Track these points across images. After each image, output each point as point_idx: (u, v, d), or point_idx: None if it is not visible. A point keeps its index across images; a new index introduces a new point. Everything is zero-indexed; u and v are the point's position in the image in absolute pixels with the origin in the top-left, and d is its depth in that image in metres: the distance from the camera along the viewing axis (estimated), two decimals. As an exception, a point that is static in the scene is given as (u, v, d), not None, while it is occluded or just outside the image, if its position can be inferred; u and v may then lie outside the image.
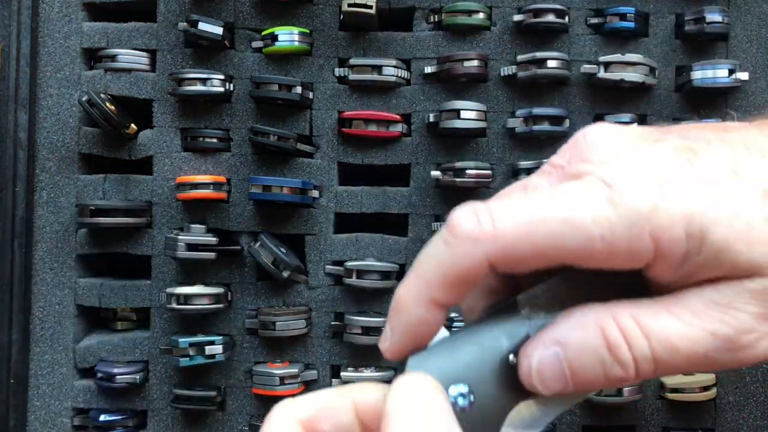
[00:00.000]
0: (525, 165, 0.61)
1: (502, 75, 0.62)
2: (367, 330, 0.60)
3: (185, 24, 0.61)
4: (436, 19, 0.63)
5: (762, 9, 0.63)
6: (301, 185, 0.60)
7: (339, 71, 0.62)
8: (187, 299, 0.59)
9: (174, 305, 0.59)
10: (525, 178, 0.35)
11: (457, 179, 0.60)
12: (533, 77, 0.60)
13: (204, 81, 0.61)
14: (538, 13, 0.61)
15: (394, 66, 0.61)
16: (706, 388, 0.60)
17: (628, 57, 0.60)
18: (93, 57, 0.64)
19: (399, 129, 0.62)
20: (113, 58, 0.63)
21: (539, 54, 0.60)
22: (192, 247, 0.59)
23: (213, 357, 0.59)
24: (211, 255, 0.60)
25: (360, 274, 0.60)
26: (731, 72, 0.60)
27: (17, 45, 0.62)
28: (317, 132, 0.63)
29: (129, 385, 0.61)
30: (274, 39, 0.61)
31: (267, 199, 0.60)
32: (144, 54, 0.63)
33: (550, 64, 0.60)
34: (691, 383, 0.60)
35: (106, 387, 0.61)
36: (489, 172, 0.61)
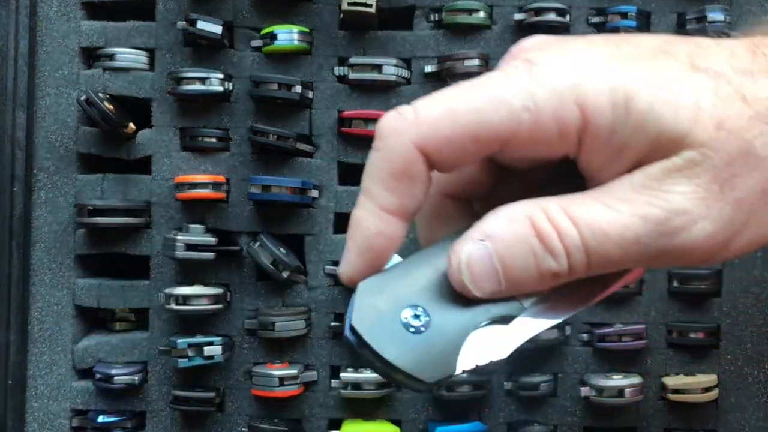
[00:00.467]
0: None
1: (502, 74, 0.62)
2: (367, 330, 0.60)
3: (184, 23, 0.61)
4: (436, 18, 0.62)
5: (764, 8, 0.62)
6: (301, 185, 0.59)
7: (339, 70, 0.62)
8: (186, 300, 0.59)
9: (173, 306, 0.59)
10: None
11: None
12: (534, 76, 0.60)
13: (203, 80, 0.60)
14: (539, 12, 0.61)
15: (394, 65, 0.61)
16: (708, 389, 0.60)
17: (629, 56, 0.60)
18: (91, 56, 0.64)
19: (399, 128, 0.62)
20: (112, 57, 0.62)
21: (540, 53, 0.60)
22: (191, 248, 0.59)
23: (212, 358, 0.59)
24: (210, 255, 0.60)
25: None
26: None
27: (15, 44, 0.62)
28: (317, 131, 0.63)
29: (127, 386, 0.60)
30: (273, 38, 0.61)
31: (266, 199, 0.60)
32: (143, 53, 0.63)
33: (551, 63, 0.60)
34: (693, 384, 0.59)
35: (104, 388, 0.60)
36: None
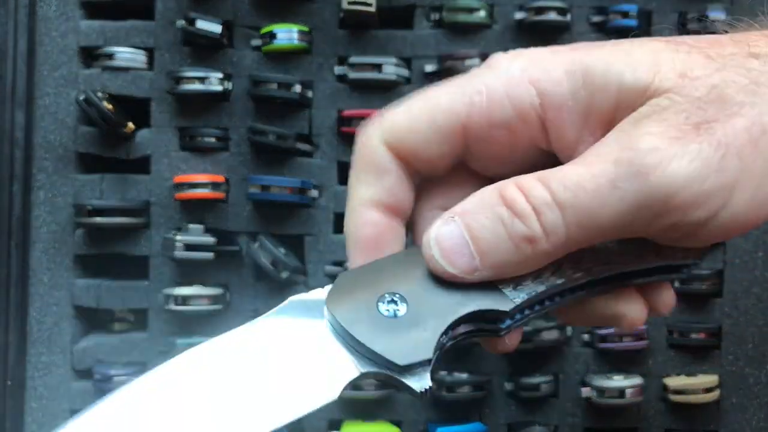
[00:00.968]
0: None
1: (503, 73, 0.61)
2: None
3: (183, 22, 0.60)
4: (436, 17, 0.62)
5: (765, 7, 0.62)
6: (301, 185, 0.59)
7: (339, 70, 0.62)
8: (186, 300, 0.59)
9: (172, 306, 0.59)
10: None
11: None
12: (535, 76, 0.60)
13: (202, 80, 0.60)
14: (539, 11, 0.60)
15: (394, 64, 0.61)
16: (709, 389, 0.59)
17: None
18: (90, 56, 0.63)
19: (399, 128, 0.61)
20: (111, 56, 0.62)
21: (541, 52, 0.60)
22: (190, 248, 0.59)
23: (211, 358, 0.59)
24: (210, 255, 0.59)
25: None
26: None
27: (14, 44, 0.61)
28: (317, 131, 0.62)
29: (127, 387, 0.60)
30: (272, 37, 0.61)
31: (266, 199, 0.60)
32: (141, 52, 0.62)
33: (551, 62, 0.60)
34: (695, 385, 0.59)
35: (103, 388, 0.60)
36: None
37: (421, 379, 0.29)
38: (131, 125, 0.62)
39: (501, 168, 0.34)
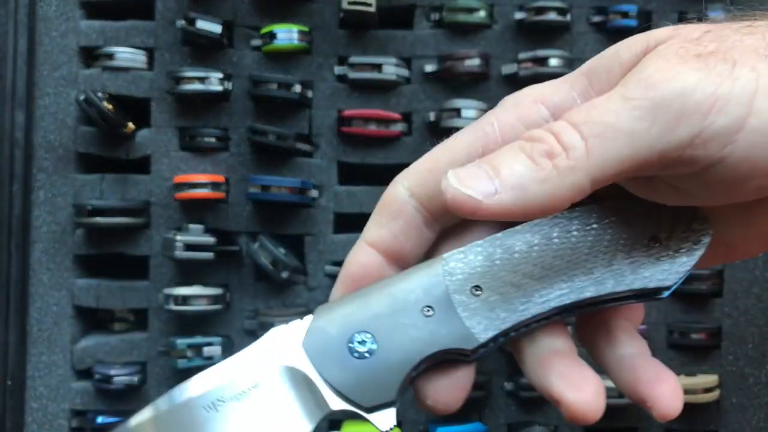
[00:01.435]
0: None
1: (503, 73, 0.61)
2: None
3: (183, 22, 0.60)
4: (436, 17, 0.62)
5: (766, 7, 0.62)
6: (301, 185, 0.59)
7: (338, 70, 0.62)
8: (185, 300, 0.59)
9: (172, 306, 0.59)
10: None
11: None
12: (534, 76, 0.60)
13: (202, 80, 0.60)
14: (539, 11, 0.60)
15: (394, 64, 0.61)
16: (709, 389, 0.59)
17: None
18: (90, 56, 0.63)
19: (399, 128, 0.62)
20: (111, 56, 0.62)
21: (541, 52, 0.60)
22: (190, 248, 0.59)
23: (211, 358, 0.59)
24: (210, 255, 0.59)
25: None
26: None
27: (14, 44, 0.61)
28: (316, 131, 0.62)
29: (127, 387, 0.60)
30: (272, 37, 0.61)
31: (266, 199, 0.60)
32: (141, 52, 0.63)
33: (551, 62, 0.60)
34: (695, 385, 0.59)
35: (103, 389, 0.60)
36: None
37: (387, 418, 0.32)
38: (131, 125, 0.62)
39: None
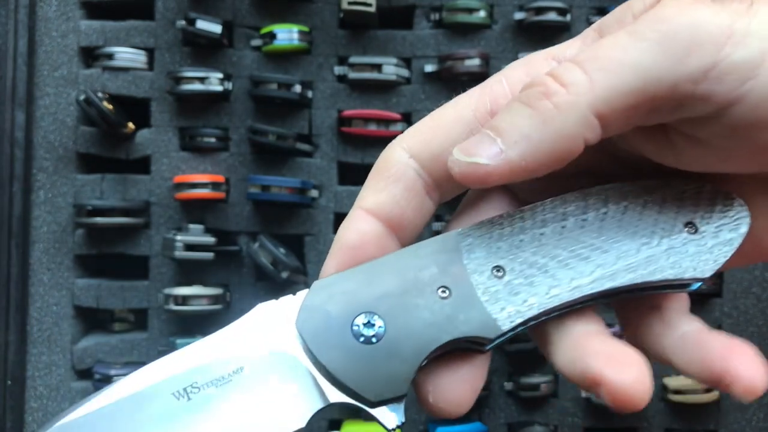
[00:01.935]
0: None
1: (503, 73, 0.61)
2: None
3: (183, 22, 0.60)
4: (436, 17, 0.62)
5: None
6: (300, 185, 0.59)
7: (338, 70, 0.62)
8: (186, 300, 0.59)
9: (172, 306, 0.59)
10: None
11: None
12: (535, 76, 0.60)
13: (202, 80, 0.60)
14: (539, 11, 0.60)
15: (394, 64, 0.61)
16: (709, 389, 0.59)
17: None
18: (90, 55, 0.63)
19: (399, 128, 0.62)
20: (111, 56, 0.62)
21: (541, 52, 0.60)
22: (190, 248, 0.59)
23: (211, 358, 0.59)
24: (210, 255, 0.59)
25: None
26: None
27: (14, 43, 0.61)
28: (316, 131, 0.62)
29: (127, 387, 0.60)
30: (272, 37, 0.61)
31: (266, 199, 0.60)
32: (142, 52, 0.63)
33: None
34: (694, 385, 0.59)
35: (103, 389, 0.60)
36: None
37: (394, 414, 0.27)
38: (131, 125, 0.62)
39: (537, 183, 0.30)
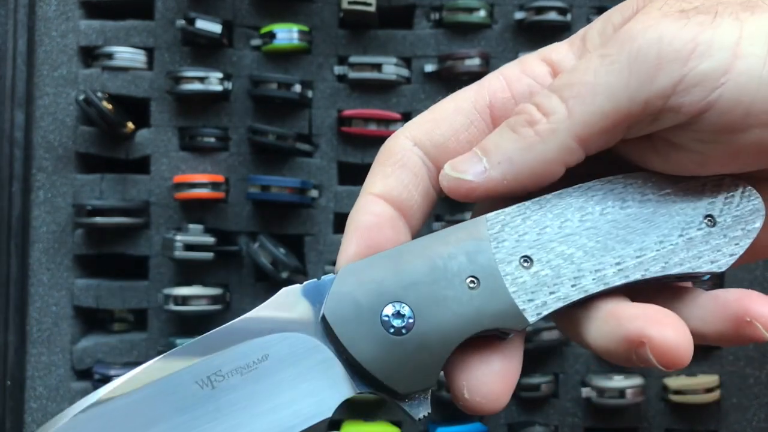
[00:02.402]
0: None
1: (503, 73, 0.61)
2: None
3: (183, 22, 0.60)
4: (436, 17, 0.62)
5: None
6: (300, 185, 0.59)
7: (338, 69, 0.62)
8: (185, 300, 0.59)
9: (172, 306, 0.59)
10: None
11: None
12: (535, 75, 0.60)
13: (202, 79, 0.60)
14: (539, 11, 0.60)
15: (394, 64, 0.61)
16: (709, 389, 0.59)
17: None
18: (90, 55, 0.63)
19: (399, 128, 0.61)
20: (110, 56, 0.62)
21: (541, 52, 0.60)
22: (190, 248, 0.59)
23: (211, 358, 0.59)
24: (209, 255, 0.59)
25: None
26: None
27: (14, 43, 0.61)
28: (316, 131, 0.62)
29: (126, 387, 0.60)
30: (272, 37, 0.61)
31: (266, 199, 0.60)
32: (141, 52, 0.63)
33: (551, 62, 0.60)
34: (695, 385, 0.59)
35: (103, 389, 0.60)
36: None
37: (421, 406, 0.27)
38: (131, 125, 0.62)
39: None
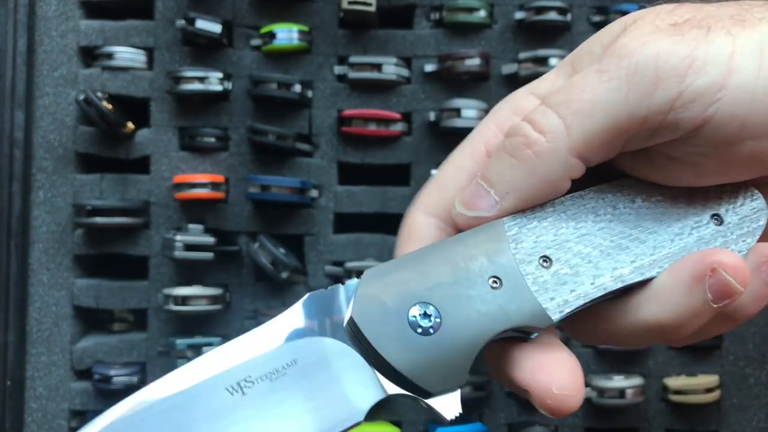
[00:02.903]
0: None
1: (503, 73, 0.61)
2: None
3: (183, 22, 0.60)
4: (437, 17, 0.62)
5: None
6: (300, 185, 0.59)
7: (338, 69, 0.62)
8: (185, 300, 0.59)
9: (172, 306, 0.59)
10: None
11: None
12: (535, 76, 0.59)
13: (202, 79, 0.60)
14: (539, 11, 0.60)
15: (394, 64, 0.61)
16: (709, 390, 0.59)
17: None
18: (90, 55, 0.63)
19: (399, 128, 0.61)
20: (110, 56, 0.62)
21: (541, 52, 0.60)
22: (190, 248, 0.59)
23: (211, 359, 0.59)
24: (209, 255, 0.59)
25: (360, 274, 0.59)
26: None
27: (14, 43, 0.61)
28: (316, 131, 0.62)
29: (126, 387, 0.60)
30: (272, 37, 0.61)
31: (265, 199, 0.60)
32: (141, 52, 0.62)
33: (552, 62, 0.59)
34: (695, 385, 0.59)
35: (103, 389, 0.60)
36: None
37: (452, 405, 0.27)
38: (131, 125, 0.62)
39: None
